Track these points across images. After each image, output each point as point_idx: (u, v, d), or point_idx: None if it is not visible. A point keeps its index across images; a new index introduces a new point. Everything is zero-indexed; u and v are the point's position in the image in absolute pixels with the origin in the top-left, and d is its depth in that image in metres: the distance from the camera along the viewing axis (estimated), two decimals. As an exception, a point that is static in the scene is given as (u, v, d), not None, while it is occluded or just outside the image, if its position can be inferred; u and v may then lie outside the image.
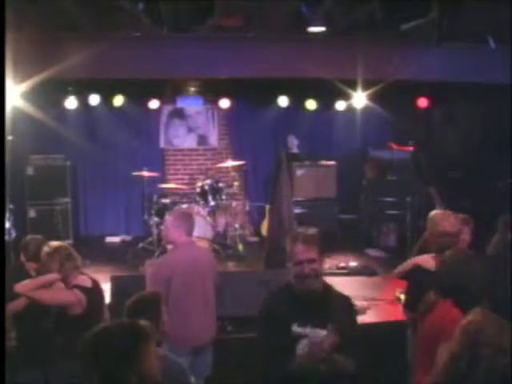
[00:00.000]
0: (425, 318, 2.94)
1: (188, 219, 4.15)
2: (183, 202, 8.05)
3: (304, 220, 8.15)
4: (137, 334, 2.05)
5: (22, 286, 3.59)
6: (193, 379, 2.93)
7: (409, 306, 4.05)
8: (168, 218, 4.18)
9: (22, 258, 4.09)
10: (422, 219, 8.01)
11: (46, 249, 3.72)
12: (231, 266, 7.49)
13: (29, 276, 3.92)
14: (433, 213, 4.04)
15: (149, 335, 2.08)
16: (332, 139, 9.65)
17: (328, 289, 2.91)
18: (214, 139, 9.50)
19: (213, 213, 8.16)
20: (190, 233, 4.09)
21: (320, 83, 7.20)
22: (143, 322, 2.14)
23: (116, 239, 8.91)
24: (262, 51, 6.41)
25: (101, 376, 1.99)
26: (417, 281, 3.79)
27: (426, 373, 2.55)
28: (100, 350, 2.00)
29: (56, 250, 3.70)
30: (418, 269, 3.85)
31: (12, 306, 3.67)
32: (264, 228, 8.26)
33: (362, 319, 5.33)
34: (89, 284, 3.72)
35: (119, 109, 8.57)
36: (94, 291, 3.74)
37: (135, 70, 6.34)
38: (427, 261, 3.79)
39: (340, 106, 9.05)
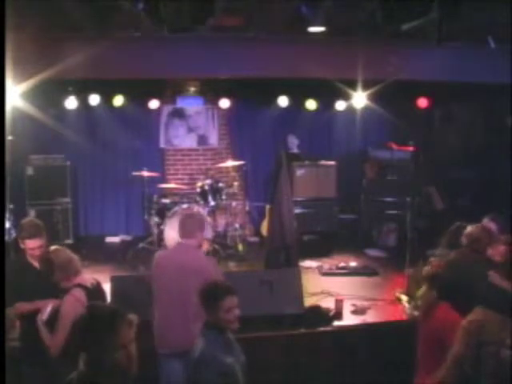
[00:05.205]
0: (425, 321, 2.95)
1: (181, 222, 4.11)
2: (183, 202, 8.04)
3: (304, 220, 8.18)
4: (117, 316, 2.28)
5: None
6: None
7: None
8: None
9: (20, 242, 4.05)
10: (421, 219, 8.09)
11: (49, 252, 3.74)
12: (231, 265, 7.49)
13: (31, 269, 3.92)
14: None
15: (130, 322, 2.30)
16: (332, 139, 9.66)
17: None
18: (214, 139, 9.49)
19: (213, 213, 8.16)
20: (180, 235, 4.05)
21: (320, 83, 7.20)
22: (129, 314, 2.35)
23: (116, 239, 8.92)
24: (262, 51, 6.40)
25: (86, 352, 2.22)
26: None
27: (429, 374, 2.56)
28: (86, 327, 2.27)
29: (57, 254, 3.71)
30: None
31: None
32: (264, 228, 8.26)
33: (362, 319, 5.35)
34: (89, 284, 3.73)
35: (119, 109, 8.55)
36: (96, 291, 3.75)
37: (135, 69, 6.33)
38: None
39: (340, 105, 9.04)
